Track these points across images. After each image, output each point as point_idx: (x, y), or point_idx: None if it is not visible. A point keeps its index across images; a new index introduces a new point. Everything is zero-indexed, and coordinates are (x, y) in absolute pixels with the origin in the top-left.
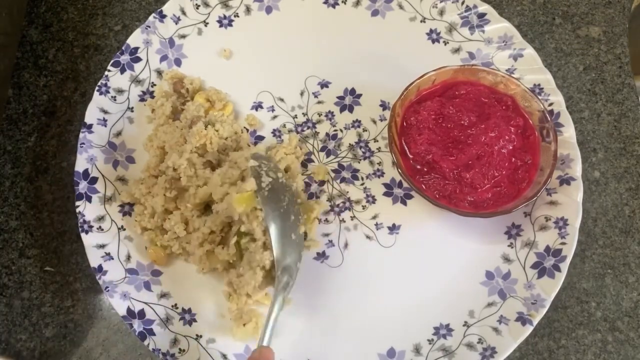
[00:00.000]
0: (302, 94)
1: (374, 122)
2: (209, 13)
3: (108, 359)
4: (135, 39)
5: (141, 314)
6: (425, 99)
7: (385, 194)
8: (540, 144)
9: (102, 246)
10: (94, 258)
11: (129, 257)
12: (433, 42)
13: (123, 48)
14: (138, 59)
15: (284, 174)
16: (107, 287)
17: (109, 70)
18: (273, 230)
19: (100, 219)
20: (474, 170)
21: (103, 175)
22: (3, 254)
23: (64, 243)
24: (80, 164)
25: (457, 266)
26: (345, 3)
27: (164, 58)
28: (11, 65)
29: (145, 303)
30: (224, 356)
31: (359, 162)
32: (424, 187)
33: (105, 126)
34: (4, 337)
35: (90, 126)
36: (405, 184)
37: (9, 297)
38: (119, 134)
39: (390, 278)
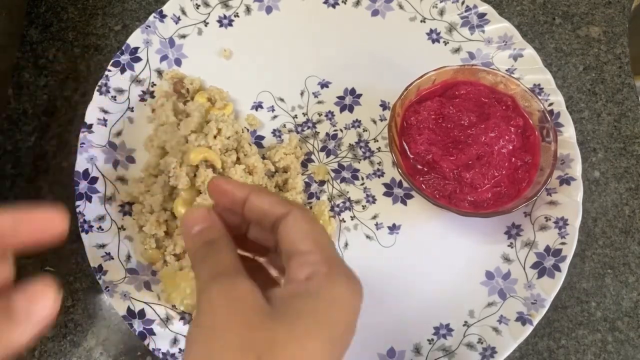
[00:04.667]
0: (302, 94)
1: (374, 122)
2: (209, 13)
3: (108, 359)
4: (135, 39)
5: (141, 314)
6: (425, 98)
7: (385, 194)
8: (540, 144)
9: (102, 246)
10: (94, 258)
11: (129, 257)
12: (433, 42)
13: (123, 48)
14: (138, 59)
15: None
16: (107, 287)
17: (109, 70)
18: None
19: (101, 218)
20: (474, 170)
21: (103, 175)
22: None
23: (64, 243)
24: (80, 164)
25: (457, 266)
26: (345, 3)
27: (164, 58)
28: (11, 65)
29: (145, 303)
30: None
31: (359, 162)
32: (424, 187)
33: (106, 126)
34: None
35: (90, 126)
36: (405, 184)
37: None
38: (119, 134)
39: (390, 278)
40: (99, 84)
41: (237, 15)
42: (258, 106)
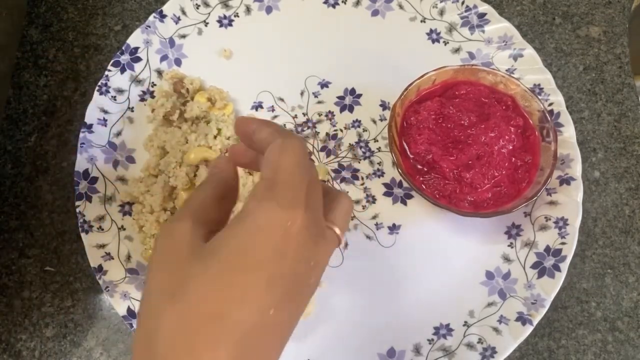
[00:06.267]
0: (302, 94)
1: (374, 122)
2: (209, 13)
3: (108, 359)
4: (135, 39)
5: None
6: (425, 98)
7: (385, 194)
8: (540, 144)
9: (102, 246)
10: (94, 258)
11: (129, 257)
12: (433, 42)
13: (123, 48)
14: (138, 59)
15: None
16: (107, 287)
17: (109, 70)
18: None
19: (101, 219)
20: (474, 170)
21: (103, 175)
22: (3, 254)
23: (64, 243)
24: (80, 164)
25: (457, 266)
26: (345, 3)
27: (164, 58)
28: (11, 65)
29: None
30: None
31: (359, 162)
32: (424, 187)
33: (105, 126)
34: (4, 337)
35: (90, 126)
36: (405, 184)
37: (9, 297)
38: (119, 134)
39: (390, 278)
40: (99, 84)
41: (237, 15)
42: (258, 106)
